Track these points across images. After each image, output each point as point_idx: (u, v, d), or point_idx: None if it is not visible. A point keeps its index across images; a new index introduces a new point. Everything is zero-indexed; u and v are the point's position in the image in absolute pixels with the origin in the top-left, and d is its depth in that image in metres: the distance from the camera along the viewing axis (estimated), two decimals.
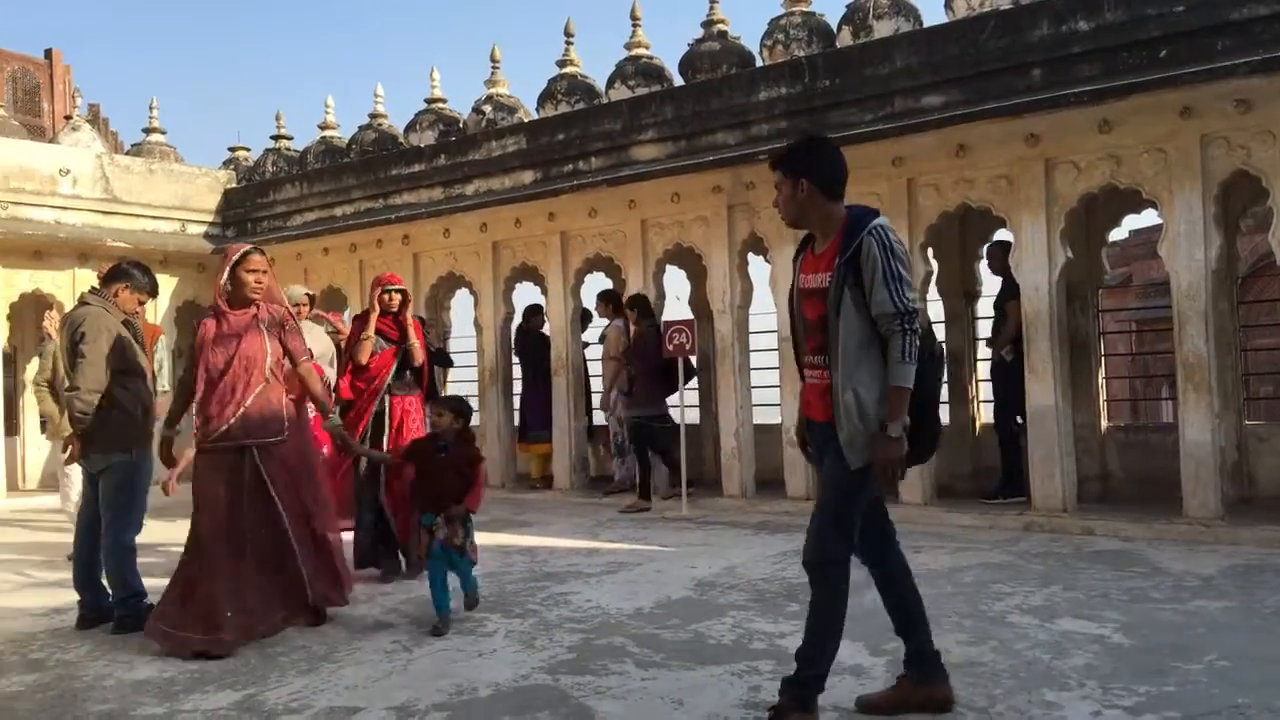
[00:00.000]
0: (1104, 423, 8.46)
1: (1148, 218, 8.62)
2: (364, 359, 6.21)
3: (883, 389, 3.22)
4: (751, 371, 8.95)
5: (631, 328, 8.87)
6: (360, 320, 6.40)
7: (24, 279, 10.84)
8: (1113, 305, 15.31)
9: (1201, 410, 6.62)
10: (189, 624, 4.50)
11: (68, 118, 12.13)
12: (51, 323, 7.51)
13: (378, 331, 6.25)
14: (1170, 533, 6.57)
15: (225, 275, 4.85)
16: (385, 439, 6.20)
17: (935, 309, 9.60)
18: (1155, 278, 15.00)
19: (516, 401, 10.56)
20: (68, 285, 10.89)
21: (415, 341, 6.33)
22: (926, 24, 7.97)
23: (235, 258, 4.86)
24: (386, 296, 6.28)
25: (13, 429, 11.31)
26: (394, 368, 6.27)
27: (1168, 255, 6.83)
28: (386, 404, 6.25)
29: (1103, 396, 8.50)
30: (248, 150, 13.32)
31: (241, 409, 4.71)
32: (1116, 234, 9.22)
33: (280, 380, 4.91)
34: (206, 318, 4.88)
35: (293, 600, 4.87)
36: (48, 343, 7.39)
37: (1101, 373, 8.54)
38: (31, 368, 9.21)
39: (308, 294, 7.22)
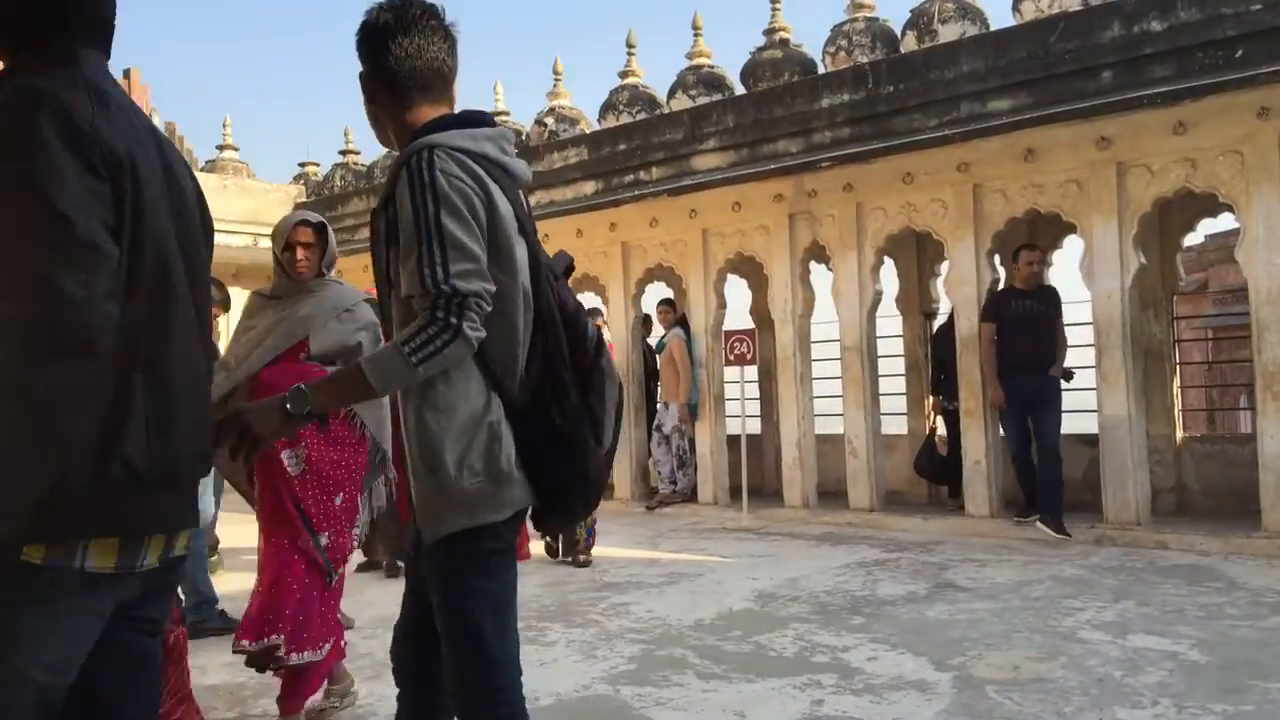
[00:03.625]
0: (1179, 433, 8.23)
1: (1224, 221, 8.39)
2: None
3: (473, 413, 2.07)
4: (814, 381, 8.89)
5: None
6: None
7: None
8: (1188, 312, 14.90)
9: None
10: None
11: None
12: None
13: None
14: (1248, 547, 6.37)
15: None
16: None
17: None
18: (1232, 283, 14.57)
19: None
20: None
21: None
22: (993, 28, 7.85)
23: None
24: None
25: None
26: None
27: (1245, 260, 6.64)
28: None
29: (1178, 406, 8.28)
30: (317, 165, 13.62)
31: None
32: (1191, 239, 8.99)
33: None
34: None
35: None
36: None
37: (1176, 382, 8.32)
38: None
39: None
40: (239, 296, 11.49)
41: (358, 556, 6.22)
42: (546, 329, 2.16)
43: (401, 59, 2.15)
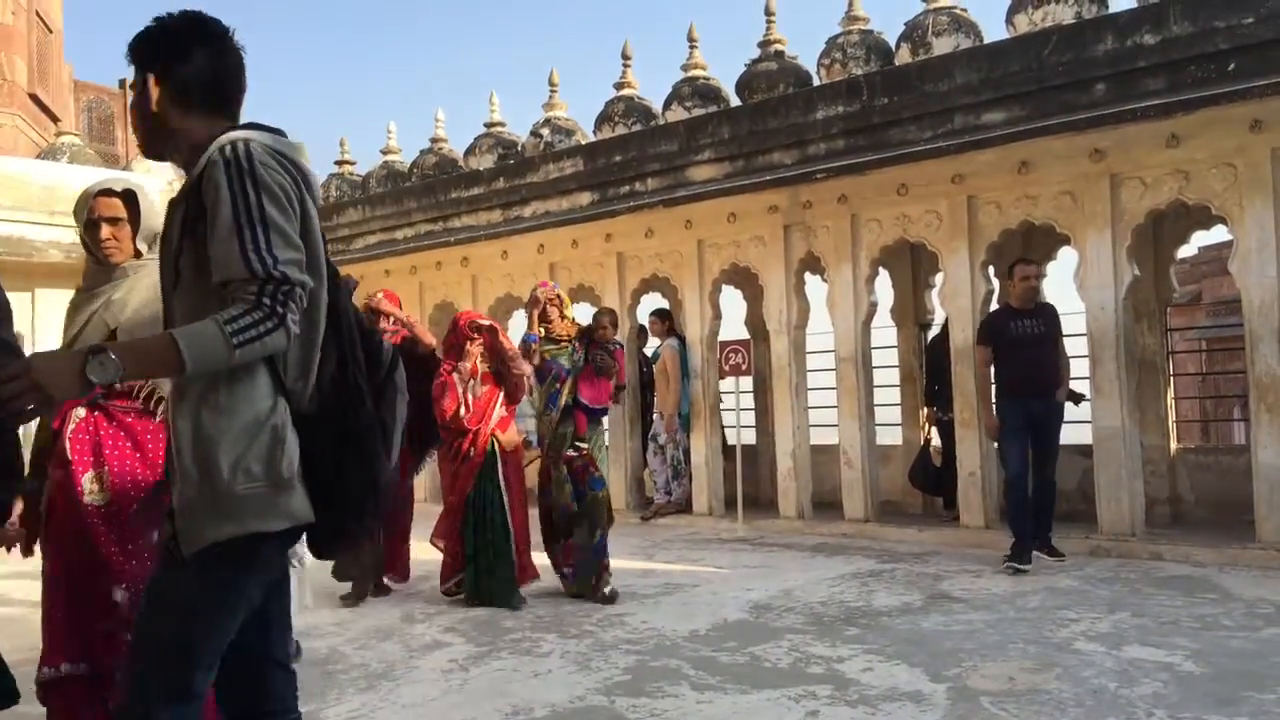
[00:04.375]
0: (1173, 445, 8.25)
1: (1217, 234, 8.42)
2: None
3: (257, 416, 1.95)
4: (809, 392, 8.89)
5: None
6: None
7: None
8: (1182, 324, 14.95)
9: (1275, 432, 6.43)
10: None
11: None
12: None
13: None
14: (1243, 558, 6.38)
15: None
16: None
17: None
18: (1226, 295, 14.60)
19: None
20: None
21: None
22: (987, 40, 7.89)
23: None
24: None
25: None
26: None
27: (1239, 272, 6.66)
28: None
29: (1172, 418, 8.29)
30: None
31: None
32: (1185, 251, 9.01)
33: None
34: None
35: None
36: None
37: (1170, 393, 8.33)
38: None
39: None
40: None
41: (335, 586, 6.04)
42: (343, 336, 2.10)
43: (206, 68, 2.12)
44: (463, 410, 5.76)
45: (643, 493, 9.93)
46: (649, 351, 10.38)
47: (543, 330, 6.09)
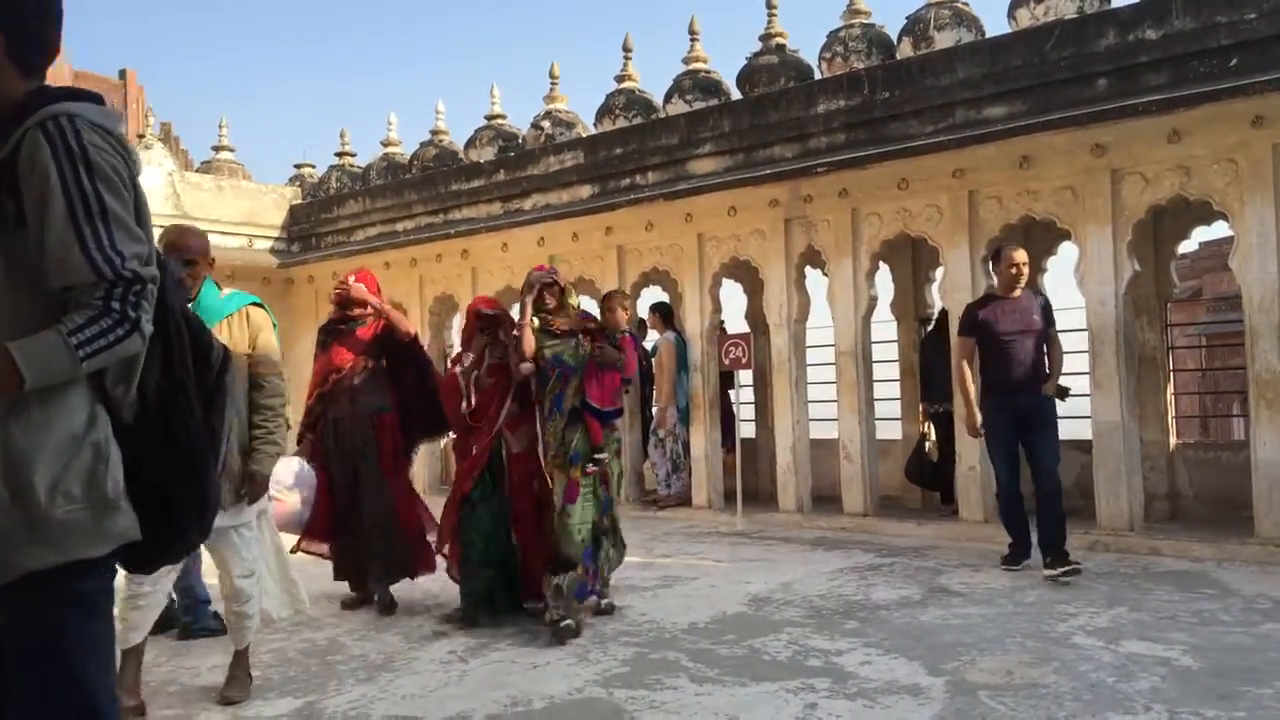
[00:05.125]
0: (1173, 440, 8.25)
1: (1218, 229, 8.41)
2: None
3: (73, 430, 1.74)
4: (809, 386, 8.89)
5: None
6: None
7: None
8: (1182, 319, 14.95)
9: (1275, 427, 6.43)
10: None
11: (140, 136, 12.49)
12: None
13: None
14: (1241, 554, 6.39)
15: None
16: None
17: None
18: (1226, 291, 14.63)
19: None
20: None
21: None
22: (989, 35, 7.88)
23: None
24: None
25: None
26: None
27: (1239, 268, 6.66)
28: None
29: (1171, 413, 8.29)
30: (313, 167, 13.61)
31: None
32: (1186, 246, 9.02)
33: None
34: None
35: None
36: None
37: (1170, 389, 8.33)
38: None
39: None
40: None
41: (336, 588, 5.81)
42: (170, 335, 1.88)
43: (40, 17, 1.84)
44: (463, 405, 5.38)
45: (643, 485, 9.94)
46: (648, 345, 10.38)
47: (536, 322, 5.16)
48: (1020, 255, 6.28)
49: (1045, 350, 6.27)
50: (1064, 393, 6.35)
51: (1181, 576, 5.95)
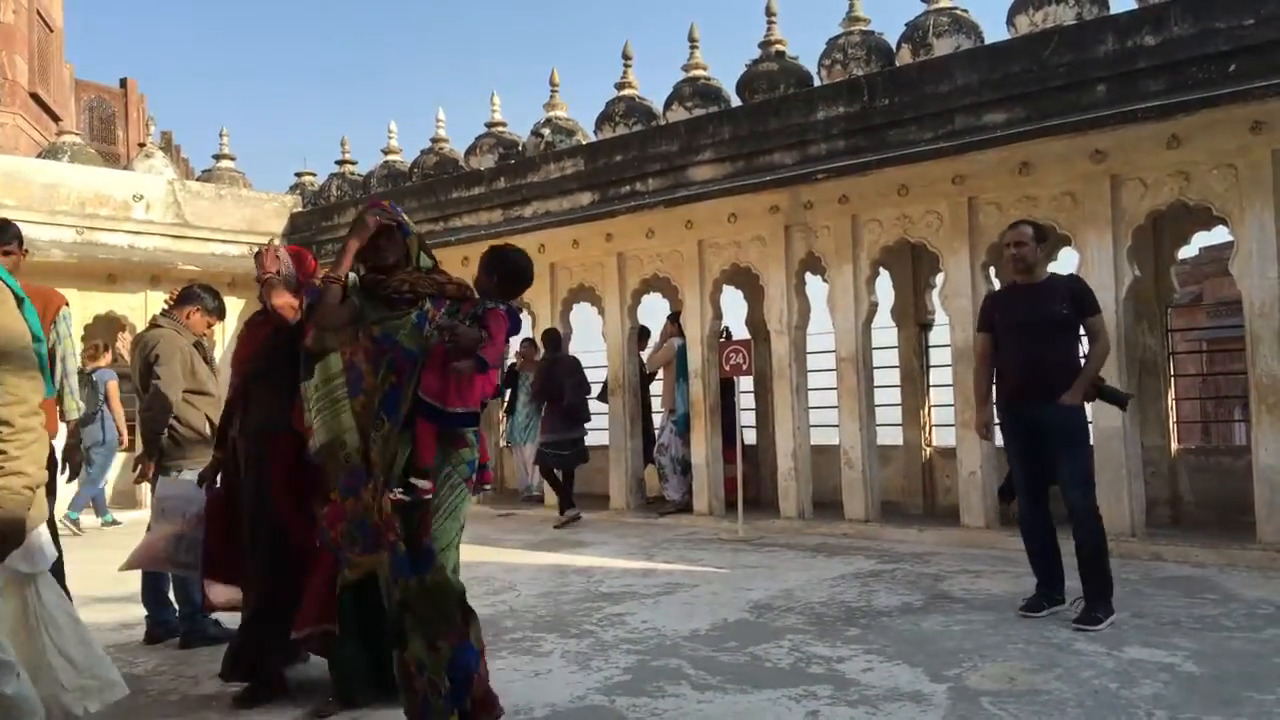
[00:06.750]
0: (1174, 446, 8.25)
1: (1218, 235, 8.43)
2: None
3: None
4: (809, 392, 8.90)
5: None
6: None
7: (98, 301, 11.19)
8: (1182, 325, 14.96)
9: (1276, 432, 6.43)
10: None
11: (141, 145, 12.53)
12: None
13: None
14: (1243, 559, 6.38)
15: None
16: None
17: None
18: (1226, 296, 14.62)
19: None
20: (140, 307, 11.20)
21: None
22: (988, 41, 7.89)
23: None
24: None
25: None
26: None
27: (1239, 273, 6.67)
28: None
29: (1172, 418, 8.29)
30: (313, 175, 13.64)
31: None
32: (1186, 252, 9.02)
33: None
34: None
35: None
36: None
37: (1171, 394, 8.34)
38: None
39: None
40: (234, 307, 11.52)
41: None
42: None
43: None
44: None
45: (643, 492, 9.93)
46: (649, 345, 10.40)
47: (353, 277, 3.60)
48: (1014, 233, 5.20)
49: (1070, 346, 5.19)
50: (1115, 397, 5.19)
51: (1183, 582, 5.95)
